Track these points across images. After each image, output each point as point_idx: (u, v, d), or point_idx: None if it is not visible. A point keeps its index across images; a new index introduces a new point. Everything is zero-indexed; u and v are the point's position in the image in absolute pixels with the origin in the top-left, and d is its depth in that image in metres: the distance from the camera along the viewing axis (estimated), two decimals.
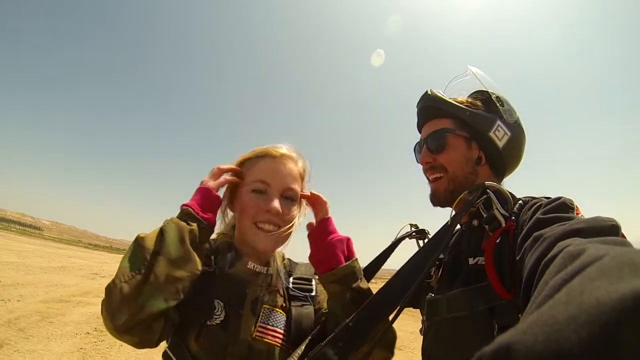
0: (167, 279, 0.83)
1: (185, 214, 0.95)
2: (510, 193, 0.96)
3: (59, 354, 4.76)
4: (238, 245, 1.10)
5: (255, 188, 1.04)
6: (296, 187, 1.08)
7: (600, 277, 0.28)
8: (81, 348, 5.15)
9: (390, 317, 0.88)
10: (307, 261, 1.09)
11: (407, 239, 1.22)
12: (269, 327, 1.00)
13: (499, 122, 1.04)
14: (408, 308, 1.17)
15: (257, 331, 0.98)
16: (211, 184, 1.02)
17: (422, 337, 1.07)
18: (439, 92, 1.11)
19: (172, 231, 0.89)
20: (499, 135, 1.04)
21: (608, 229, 0.59)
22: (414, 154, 1.21)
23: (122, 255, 0.89)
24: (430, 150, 1.09)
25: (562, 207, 0.77)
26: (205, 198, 1.00)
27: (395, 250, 1.21)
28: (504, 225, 0.86)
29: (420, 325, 1.10)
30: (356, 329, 0.82)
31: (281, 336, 1.01)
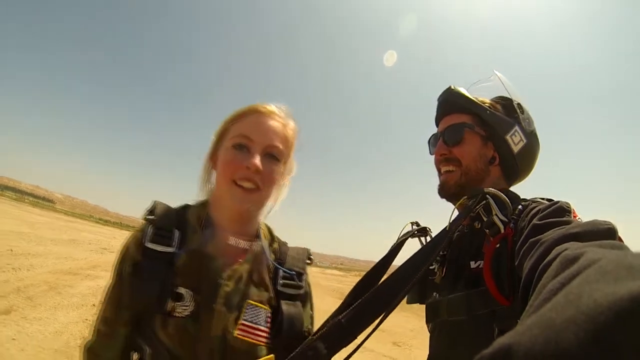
0: None
1: None
2: (513, 195, 0.96)
3: (65, 323, 4.89)
4: (215, 212, 0.99)
5: (236, 142, 0.94)
6: (281, 146, 0.98)
7: (598, 280, 0.29)
8: (86, 319, 5.27)
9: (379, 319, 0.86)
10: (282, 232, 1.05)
11: (409, 238, 1.19)
12: (252, 324, 0.92)
13: (516, 128, 1.04)
14: (410, 305, 1.17)
15: (239, 329, 0.90)
16: None
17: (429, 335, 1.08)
18: (461, 89, 1.10)
19: None
20: (515, 140, 1.04)
21: (605, 233, 0.58)
22: (427, 145, 1.20)
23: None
24: (446, 143, 1.08)
25: (559, 212, 0.76)
26: None
27: (400, 250, 1.18)
28: (502, 231, 0.86)
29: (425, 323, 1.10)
30: (348, 326, 0.81)
31: (264, 334, 0.93)
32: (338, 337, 0.80)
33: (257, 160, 0.91)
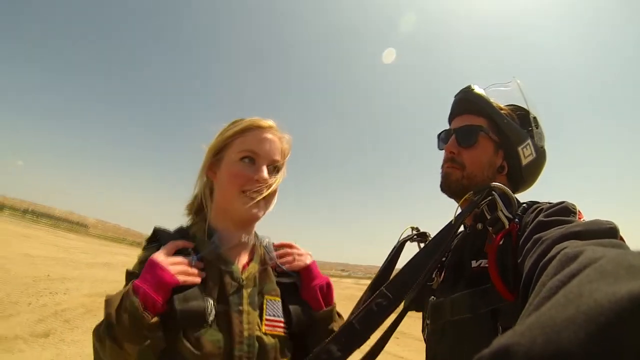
0: None
1: (131, 312, 0.81)
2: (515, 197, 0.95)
3: None
4: (219, 222, 1.06)
5: (243, 156, 1.03)
6: (280, 159, 1.10)
7: (598, 280, 0.28)
8: None
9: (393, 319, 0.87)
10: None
11: (408, 242, 1.20)
12: (274, 318, 1.00)
13: (529, 141, 1.05)
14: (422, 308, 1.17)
15: (266, 325, 0.97)
16: (169, 266, 0.89)
17: (426, 340, 1.06)
18: (481, 90, 1.09)
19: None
20: (526, 153, 1.04)
21: (606, 232, 0.58)
22: (437, 140, 1.19)
23: None
24: (458, 142, 1.07)
25: (564, 211, 0.76)
26: (158, 284, 0.86)
27: (400, 254, 1.20)
28: (507, 227, 0.85)
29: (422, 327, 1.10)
30: (359, 327, 0.82)
31: (284, 324, 1.01)
32: (350, 338, 0.81)
33: (266, 174, 1.03)
